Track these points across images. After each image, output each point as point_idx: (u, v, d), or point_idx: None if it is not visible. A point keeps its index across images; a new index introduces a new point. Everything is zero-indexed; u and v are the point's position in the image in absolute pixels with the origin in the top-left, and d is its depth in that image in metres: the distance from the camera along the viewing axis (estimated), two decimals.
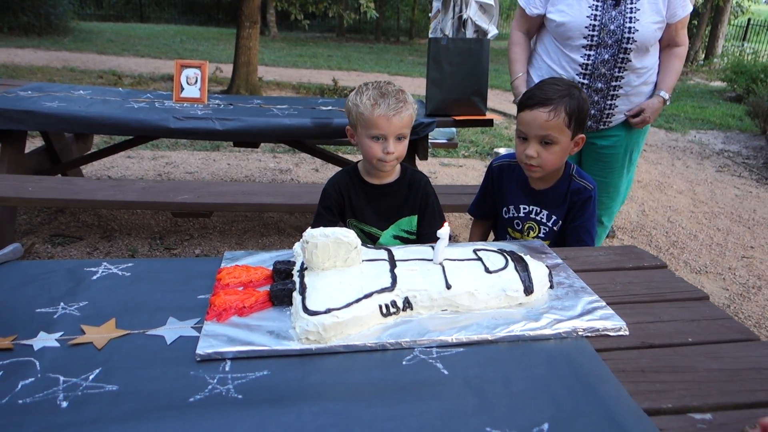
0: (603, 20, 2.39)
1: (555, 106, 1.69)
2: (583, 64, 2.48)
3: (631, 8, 2.39)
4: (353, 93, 1.74)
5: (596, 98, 2.53)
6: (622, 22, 2.39)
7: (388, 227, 1.86)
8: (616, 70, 2.48)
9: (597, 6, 2.40)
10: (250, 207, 2.92)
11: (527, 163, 1.77)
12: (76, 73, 9.38)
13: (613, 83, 2.50)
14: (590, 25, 2.41)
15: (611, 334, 1.14)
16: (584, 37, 2.44)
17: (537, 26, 2.62)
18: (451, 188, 3.48)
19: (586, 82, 2.50)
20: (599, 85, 2.50)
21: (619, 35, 2.40)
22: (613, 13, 2.39)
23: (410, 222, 1.86)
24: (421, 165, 4.88)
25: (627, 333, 1.14)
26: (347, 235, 1.20)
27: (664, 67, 2.58)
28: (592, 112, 2.57)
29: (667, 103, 2.63)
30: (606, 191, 2.75)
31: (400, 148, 1.74)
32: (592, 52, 2.45)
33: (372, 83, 1.74)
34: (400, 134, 1.72)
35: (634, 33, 2.40)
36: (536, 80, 2.46)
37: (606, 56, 2.44)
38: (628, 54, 2.44)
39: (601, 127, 2.62)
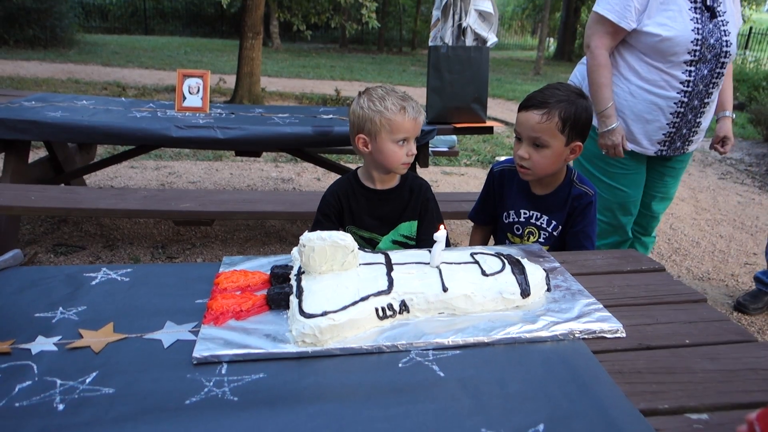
0: (704, 34, 2.24)
1: (549, 109, 1.69)
2: (686, 81, 2.30)
3: (722, 20, 2.29)
4: (368, 100, 1.72)
5: (690, 117, 2.39)
6: (719, 36, 2.27)
7: (387, 232, 1.87)
8: (711, 86, 2.35)
9: (697, 18, 2.25)
10: (251, 215, 2.94)
11: (519, 164, 1.79)
12: (80, 85, 9.45)
13: (706, 100, 2.38)
14: (695, 39, 2.24)
15: (608, 336, 1.14)
16: (688, 53, 2.26)
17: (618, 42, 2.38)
18: (452, 195, 3.48)
19: (686, 100, 2.34)
20: (695, 102, 2.35)
21: (718, 49, 2.28)
22: (710, 26, 2.26)
23: (410, 227, 1.86)
24: (423, 173, 4.88)
25: (624, 335, 1.14)
26: (344, 238, 1.20)
27: (724, 85, 2.49)
28: (684, 131, 2.42)
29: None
30: (663, 204, 2.72)
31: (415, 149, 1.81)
32: (693, 68, 2.28)
33: (379, 88, 1.75)
34: (417, 135, 1.78)
35: (729, 47, 2.30)
36: (626, 110, 2.35)
37: (705, 72, 2.30)
38: (724, 68, 2.33)
39: (687, 147, 2.50)
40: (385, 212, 1.85)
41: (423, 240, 1.85)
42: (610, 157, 2.43)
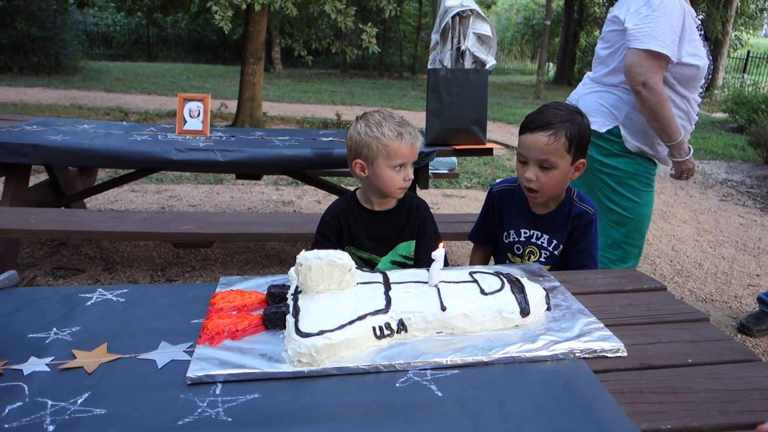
0: (709, 57, 2.43)
1: (555, 130, 1.69)
2: (700, 102, 2.48)
3: (706, 42, 2.44)
4: (365, 126, 1.73)
5: None
6: (710, 56, 2.44)
7: (386, 253, 1.86)
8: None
9: (704, 44, 2.41)
10: (250, 237, 2.93)
11: (527, 186, 1.78)
12: (83, 110, 9.52)
13: None
14: (709, 64, 2.42)
15: (609, 355, 1.12)
16: (704, 78, 2.42)
17: None
18: (452, 217, 3.48)
19: (697, 119, 2.55)
20: None
21: (711, 68, 2.45)
22: (707, 49, 2.43)
23: (408, 247, 1.86)
24: (423, 195, 4.88)
25: (625, 354, 1.12)
26: (341, 257, 1.19)
27: None
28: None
29: None
30: None
31: (412, 174, 1.80)
32: (701, 89, 2.47)
33: (377, 113, 1.76)
34: (414, 159, 1.78)
35: (712, 62, 2.46)
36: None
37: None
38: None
39: None
40: (383, 233, 1.84)
41: (421, 260, 1.84)
42: (642, 178, 2.50)
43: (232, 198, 5.12)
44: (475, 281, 1.27)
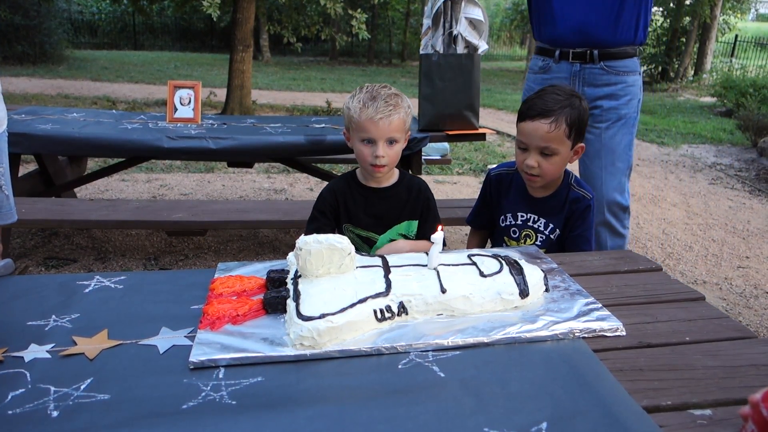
0: None
1: (556, 117, 1.69)
2: None
3: None
4: (350, 96, 1.75)
5: None
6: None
7: (385, 232, 1.85)
8: None
9: None
10: (244, 224, 2.92)
11: (527, 173, 1.78)
12: (70, 100, 9.41)
13: None
14: None
15: (608, 334, 1.13)
16: None
17: None
18: (447, 202, 3.48)
19: None
20: None
21: None
22: None
23: (408, 226, 1.85)
24: None
25: (624, 333, 1.14)
26: (341, 241, 1.19)
27: None
28: None
29: None
30: None
31: (391, 153, 1.72)
32: None
33: (367, 86, 1.74)
34: (391, 138, 1.71)
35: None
36: None
37: None
38: None
39: None
40: (381, 210, 1.83)
41: (424, 239, 1.83)
42: None
43: (223, 186, 5.09)
44: (474, 264, 1.28)
